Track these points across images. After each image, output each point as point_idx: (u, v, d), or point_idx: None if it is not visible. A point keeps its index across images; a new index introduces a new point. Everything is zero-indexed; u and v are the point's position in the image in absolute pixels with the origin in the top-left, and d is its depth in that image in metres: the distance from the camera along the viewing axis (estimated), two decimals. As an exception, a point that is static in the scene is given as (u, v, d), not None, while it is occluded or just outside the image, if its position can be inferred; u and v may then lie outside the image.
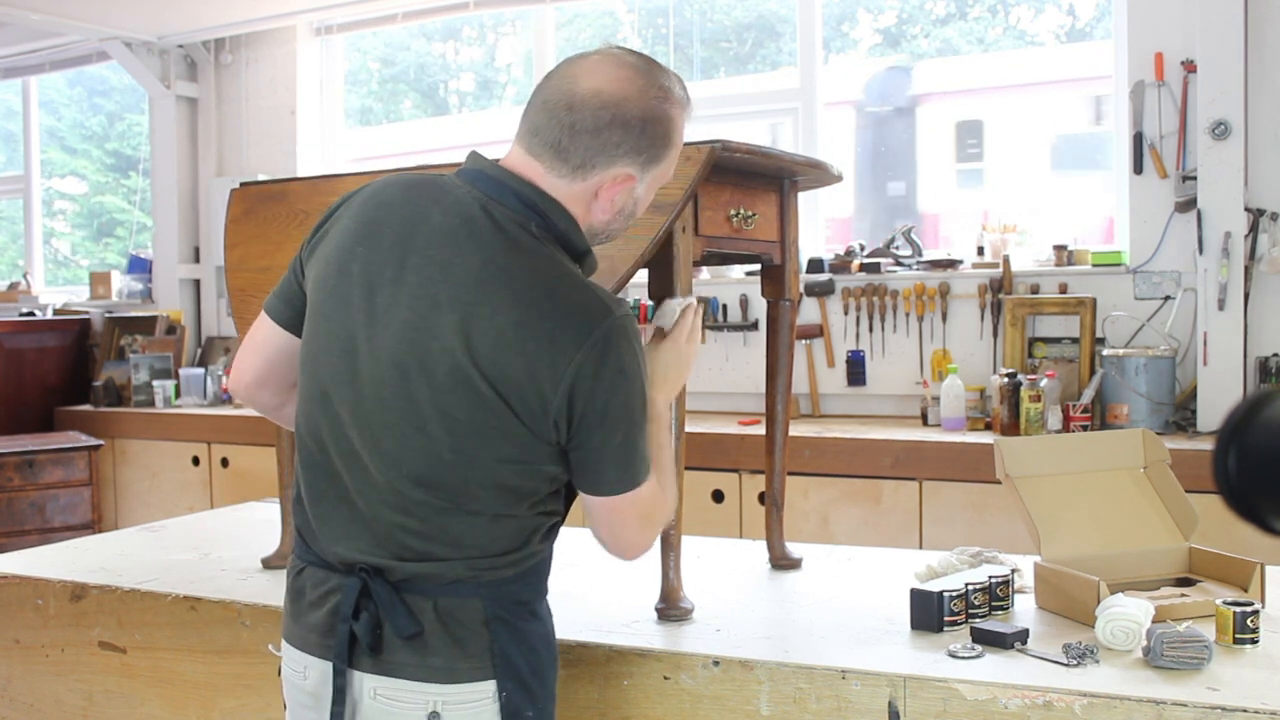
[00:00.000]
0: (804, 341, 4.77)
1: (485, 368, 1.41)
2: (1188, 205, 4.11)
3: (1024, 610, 2.00)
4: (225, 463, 5.41)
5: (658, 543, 2.06)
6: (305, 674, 1.56)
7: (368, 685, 1.49)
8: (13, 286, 6.97)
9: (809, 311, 4.78)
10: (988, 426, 4.24)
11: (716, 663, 1.79)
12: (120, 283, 6.53)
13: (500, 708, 1.49)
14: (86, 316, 6.49)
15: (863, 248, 4.86)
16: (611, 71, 1.49)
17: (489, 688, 1.49)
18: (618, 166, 1.50)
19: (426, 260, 1.46)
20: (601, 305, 1.44)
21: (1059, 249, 4.47)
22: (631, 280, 2.01)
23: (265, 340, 1.66)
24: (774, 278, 2.40)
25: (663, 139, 1.52)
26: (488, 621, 1.48)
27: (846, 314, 4.73)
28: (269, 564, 2.47)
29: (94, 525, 5.31)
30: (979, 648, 1.78)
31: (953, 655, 1.76)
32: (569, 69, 1.52)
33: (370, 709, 1.49)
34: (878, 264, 4.70)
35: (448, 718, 1.48)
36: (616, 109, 1.47)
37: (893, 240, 4.80)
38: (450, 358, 1.42)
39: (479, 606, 1.48)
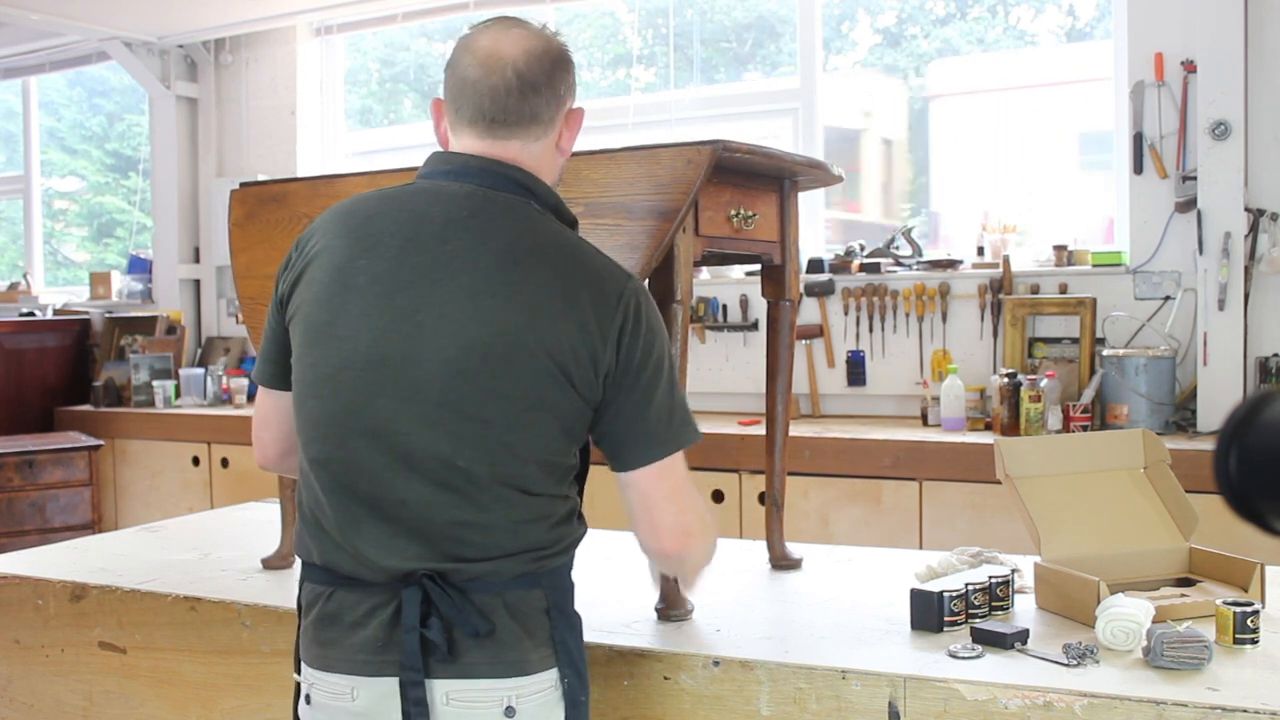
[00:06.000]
0: (804, 341, 4.77)
1: (539, 339, 1.44)
2: (1188, 205, 4.11)
3: (1024, 610, 2.00)
4: (225, 463, 5.41)
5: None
6: (354, 695, 1.50)
7: (439, 691, 1.47)
8: (13, 286, 6.97)
9: (809, 311, 4.78)
10: (988, 426, 4.24)
11: (716, 663, 1.79)
12: (120, 283, 6.54)
13: (563, 695, 1.51)
14: (86, 317, 6.49)
15: (863, 248, 4.86)
16: (515, 32, 1.54)
17: (553, 676, 1.50)
18: (567, 104, 1.58)
19: (445, 256, 1.47)
20: (622, 271, 1.53)
21: (1059, 249, 4.47)
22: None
23: (274, 409, 1.64)
24: (774, 278, 2.41)
25: (574, 67, 1.60)
26: (548, 610, 1.51)
27: (846, 314, 4.73)
28: (269, 564, 2.46)
29: (94, 525, 5.30)
30: (979, 648, 1.78)
31: (953, 655, 1.76)
32: (479, 50, 1.52)
33: (445, 714, 1.47)
34: (878, 264, 4.70)
35: (523, 710, 1.47)
36: (545, 55, 1.53)
37: (893, 240, 4.80)
38: (502, 339, 1.44)
39: (541, 596, 1.50)
